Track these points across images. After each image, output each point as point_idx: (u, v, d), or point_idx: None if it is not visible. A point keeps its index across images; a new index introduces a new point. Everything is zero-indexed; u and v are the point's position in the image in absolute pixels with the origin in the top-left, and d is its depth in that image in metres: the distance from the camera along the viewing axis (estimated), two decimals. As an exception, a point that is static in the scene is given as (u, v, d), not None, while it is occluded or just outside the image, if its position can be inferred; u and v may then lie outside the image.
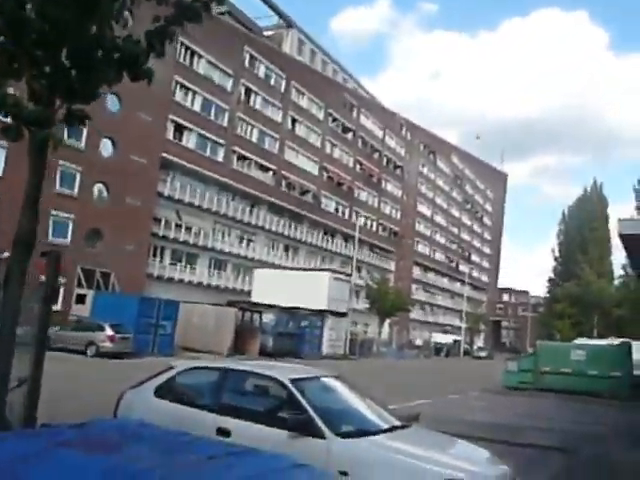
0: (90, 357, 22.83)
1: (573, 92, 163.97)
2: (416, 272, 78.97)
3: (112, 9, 5.18)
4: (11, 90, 5.42)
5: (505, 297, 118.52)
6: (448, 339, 70.82)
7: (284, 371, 5.87)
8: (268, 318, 34.24)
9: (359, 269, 63.91)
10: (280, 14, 58.99)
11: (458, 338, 73.20)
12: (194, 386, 5.96)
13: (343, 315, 41.63)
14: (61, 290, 32.23)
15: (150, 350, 25.92)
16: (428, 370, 39.84)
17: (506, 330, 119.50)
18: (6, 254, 23.31)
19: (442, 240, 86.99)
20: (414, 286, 77.98)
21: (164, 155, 39.41)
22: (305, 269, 46.73)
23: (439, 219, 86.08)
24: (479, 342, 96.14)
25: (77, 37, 4.85)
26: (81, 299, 30.69)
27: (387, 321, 61.33)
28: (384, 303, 51.71)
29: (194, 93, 42.19)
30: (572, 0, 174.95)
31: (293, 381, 5.33)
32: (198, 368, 6.24)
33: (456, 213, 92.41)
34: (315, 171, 56.59)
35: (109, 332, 23.12)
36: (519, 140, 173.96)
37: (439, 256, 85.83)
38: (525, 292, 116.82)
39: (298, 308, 37.37)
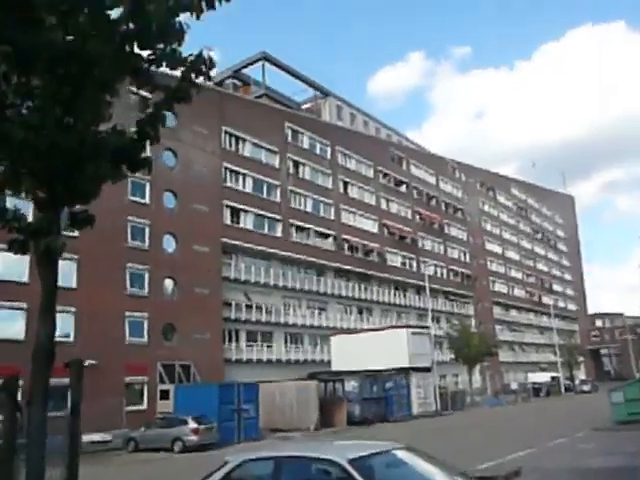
0: (177, 453, 22.70)
1: (627, 104, 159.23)
2: (497, 312, 76.12)
3: (98, 108, 5.16)
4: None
5: (598, 323, 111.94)
6: (545, 377, 67.00)
7: (343, 450, 5.45)
8: (351, 385, 33.39)
9: (437, 319, 62.35)
10: (315, 86, 60.75)
11: (556, 374, 69.15)
12: (251, 480, 5.61)
13: (428, 370, 40.16)
14: (145, 388, 32.91)
15: (236, 437, 25.60)
16: (528, 414, 37.56)
17: (607, 358, 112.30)
18: (90, 361, 23.82)
19: (519, 275, 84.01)
20: (498, 327, 74.99)
21: (224, 240, 40.27)
22: (381, 328, 45.75)
23: (511, 254, 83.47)
24: (580, 375, 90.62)
25: (61, 140, 4.83)
26: (165, 395, 30.93)
27: (477, 368, 58.93)
28: (469, 350, 49.78)
29: (244, 176, 43.38)
30: (604, 12, 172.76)
31: (352, 461, 4.91)
32: (252, 460, 5.88)
33: (528, 245, 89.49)
34: (375, 229, 56.43)
35: (192, 425, 23.02)
36: (579, 160, 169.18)
37: (518, 292, 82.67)
38: (619, 314, 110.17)
39: (380, 370, 36.35)
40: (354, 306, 52.93)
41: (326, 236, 50.24)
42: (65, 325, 30.09)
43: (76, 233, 28.16)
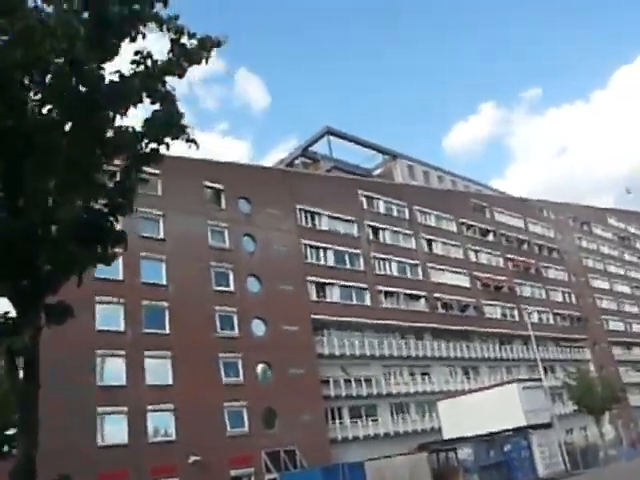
0: None
1: None
2: (617, 352, 70.17)
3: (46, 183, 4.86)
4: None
5: None
6: (689, 418, 60.25)
7: None
8: (465, 453, 31.05)
9: (552, 369, 58.28)
10: (382, 150, 61.04)
11: (701, 413, 62.03)
12: None
13: (549, 426, 36.93)
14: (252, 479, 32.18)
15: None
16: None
17: None
18: (194, 457, 23.58)
19: (634, 309, 77.70)
20: (621, 369, 68.90)
21: (313, 316, 39.88)
22: (489, 387, 43.00)
23: (621, 287, 77.67)
24: None
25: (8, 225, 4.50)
26: (273, 485, 30.04)
27: (606, 417, 53.88)
28: (592, 398, 45.63)
29: (324, 249, 43.36)
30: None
31: None
32: None
33: (638, 275, 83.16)
34: (467, 283, 54.33)
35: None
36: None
37: (637, 327, 76.19)
38: None
39: (496, 433, 33.76)
40: (458, 366, 50.41)
41: (417, 297, 48.80)
42: (166, 423, 30.37)
43: (167, 330, 28.89)
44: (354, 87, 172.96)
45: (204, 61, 6.58)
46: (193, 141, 6.16)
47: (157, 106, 6.18)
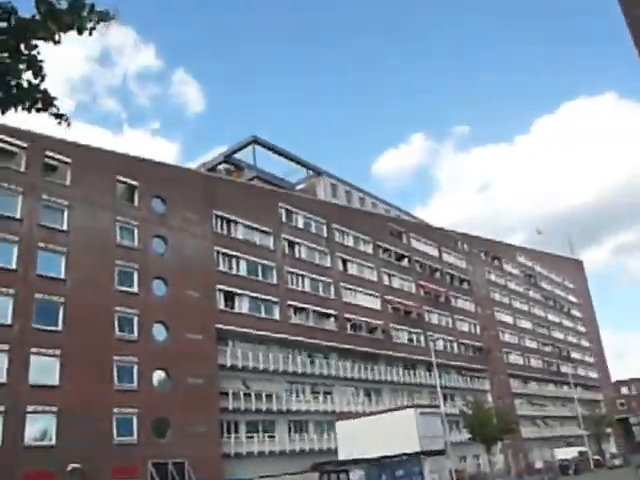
0: None
1: (628, 167, 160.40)
2: (515, 385, 72.75)
3: None
4: None
5: (624, 390, 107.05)
6: (573, 452, 62.99)
7: None
8: (357, 475, 30.89)
9: (452, 397, 59.52)
10: (307, 166, 60.98)
11: (584, 449, 65.01)
12: None
13: (442, 453, 37.37)
14: (135, 492, 30.54)
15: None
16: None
17: (638, 427, 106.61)
18: (73, 465, 21.88)
19: (534, 344, 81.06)
20: (517, 401, 71.49)
21: (219, 326, 38.82)
22: (387, 410, 43.23)
23: (523, 323, 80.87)
24: (611, 448, 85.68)
25: None
26: (157, 497, 28.59)
27: (497, 447, 55.45)
28: (485, 428, 46.77)
29: (237, 259, 42.45)
30: (595, 85, 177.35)
31: None
32: None
33: (540, 312, 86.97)
34: (378, 305, 54.75)
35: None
36: (587, 226, 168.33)
37: (535, 362, 79.45)
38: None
39: (389, 457, 33.75)
40: (361, 388, 50.51)
41: (327, 316, 48.60)
42: (46, 426, 28.44)
43: (59, 327, 27.11)
44: (289, 103, 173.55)
45: (86, 33, 5.85)
46: (62, 117, 5.39)
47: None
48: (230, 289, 40.86)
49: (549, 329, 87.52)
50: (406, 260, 61.59)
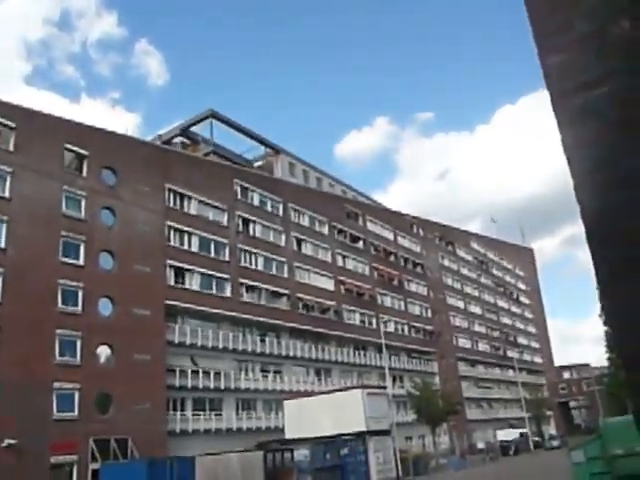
0: None
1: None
2: (462, 368, 74.31)
3: None
4: None
5: (566, 375, 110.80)
6: (514, 434, 64.72)
7: None
8: (302, 454, 30.92)
9: (400, 378, 60.33)
10: (266, 143, 60.20)
11: (525, 431, 67.03)
12: None
13: (387, 433, 37.84)
14: (74, 469, 29.95)
15: (168, 521, 22.90)
16: (490, 476, 35.42)
17: (576, 410, 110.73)
18: (9, 441, 21.05)
19: (482, 329, 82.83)
20: (464, 384, 73.05)
21: (168, 302, 38.15)
22: (335, 390, 43.53)
23: (473, 308, 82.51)
24: (551, 429, 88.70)
25: None
26: (97, 475, 27.99)
27: (443, 428, 56.65)
28: (431, 409, 47.65)
29: (189, 234, 41.69)
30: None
31: None
32: None
33: (490, 298, 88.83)
34: (331, 286, 54.81)
35: (113, 510, 20.38)
36: (541, 217, 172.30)
37: (483, 346, 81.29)
38: (586, 365, 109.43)
39: (335, 436, 33.93)
40: (312, 368, 50.68)
41: (279, 295, 48.38)
42: (-18, 400, 27.43)
43: (-1, 298, 25.79)
44: (252, 82, 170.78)
45: None
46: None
47: None
48: (181, 265, 40.15)
49: (498, 315, 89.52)
50: (361, 242, 61.75)
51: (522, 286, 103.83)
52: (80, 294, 32.97)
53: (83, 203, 34.91)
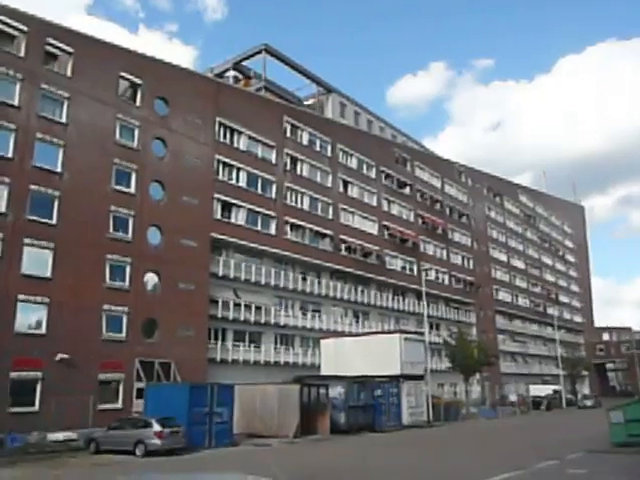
0: (141, 457, 21.12)
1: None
2: (500, 321, 74.11)
3: None
4: None
5: (605, 336, 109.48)
6: (547, 390, 64.89)
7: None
8: (337, 391, 31.64)
9: (437, 326, 60.64)
10: (318, 82, 59.20)
11: (558, 388, 67.05)
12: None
13: (421, 378, 38.40)
14: (120, 386, 31.40)
15: (206, 442, 23.99)
16: (524, 428, 35.75)
17: (613, 372, 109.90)
18: (62, 355, 22.31)
19: (523, 284, 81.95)
20: (500, 337, 73.02)
21: (214, 235, 38.77)
22: (373, 333, 44.10)
23: (516, 262, 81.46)
24: (584, 389, 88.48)
25: None
26: (142, 394, 29.37)
27: (475, 378, 57.07)
28: (466, 359, 47.91)
29: (238, 169, 41.84)
30: (627, 28, 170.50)
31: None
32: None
33: (534, 254, 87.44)
34: (375, 231, 54.70)
35: (156, 428, 21.38)
36: (596, 174, 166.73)
37: (523, 301, 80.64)
38: (627, 329, 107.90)
39: (370, 376, 34.62)
40: (350, 309, 51.25)
41: (323, 236, 48.56)
42: (37, 316, 28.81)
43: (54, 221, 27.04)
44: (310, 22, 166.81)
45: None
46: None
47: None
48: (227, 199, 40.49)
49: (541, 271, 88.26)
50: (408, 188, 61.03)
51: (569, 244, 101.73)
52: (130, 222, 33.70)
53: (136, 132, 35.22)
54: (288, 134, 46.91)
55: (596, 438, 23.78)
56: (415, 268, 58.49)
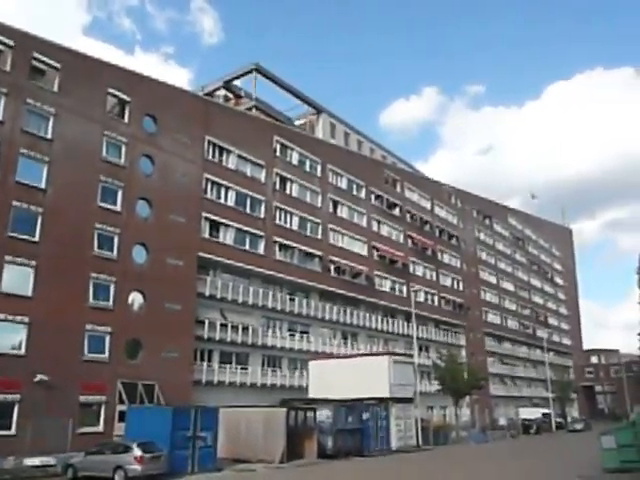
0: (119, 483, 20.32)
1: (633, 145, 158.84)
2: (489, 343, 73.69)
3: None
4: None
5: (594, 359, 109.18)
6: (537, 413, 64.27)
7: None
8: (324, 415, 30.95)
9: (427, 348, 60.09)
10: (308, 102, 59.20)
11: (548, 411, 66.45)
12: None
13: (410, 401, 37.76)
14: (102, 409, 30.54)
15: (189, 468, 23.19)
16: (513, 453, 35.11)
17: (601, 395, 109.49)
18: (41, 376, 21.49)
19: (512, 307, 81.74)
20: (490, 359, 72.52)
21: (201, 254, 38.20)
22: (361, 355, 43.50)
23: (506, 285, 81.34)
24: (573, 412, 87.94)
25: None
26: (124, 417, 28.51)
27: (465, 401, 56.41)
28: (456, 382, 47.32)
29: (226, 188, 41.44)
30: (613, 58, 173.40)
31: None
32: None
33: (523, 276, 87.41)
34: (364, 251, 54.32)
35: (137, 453, 20.60)
36: (584, 198, 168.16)
37: (512, 324, 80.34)
38: (615, 351, 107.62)
39: (358, 399, 33.96)
40: (339, 330, 50.62)
41: (312, 256, 48.10)
42: (16, 336, 28.00)
43: (36, 238, 26.35)
44: (305, 44, 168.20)
45: None
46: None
47: None
48: (216, 218, 40.02)
49: (530, 293, 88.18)
50: (397, 209, 60.86)
51: (557, 266, 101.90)
52: (116, 240, 33.10)
53: (123, 149, 34.78)
54: (278, 153, 46.67)
55: (588, 463, 23.28)
56: (405, 289, 58.09)
